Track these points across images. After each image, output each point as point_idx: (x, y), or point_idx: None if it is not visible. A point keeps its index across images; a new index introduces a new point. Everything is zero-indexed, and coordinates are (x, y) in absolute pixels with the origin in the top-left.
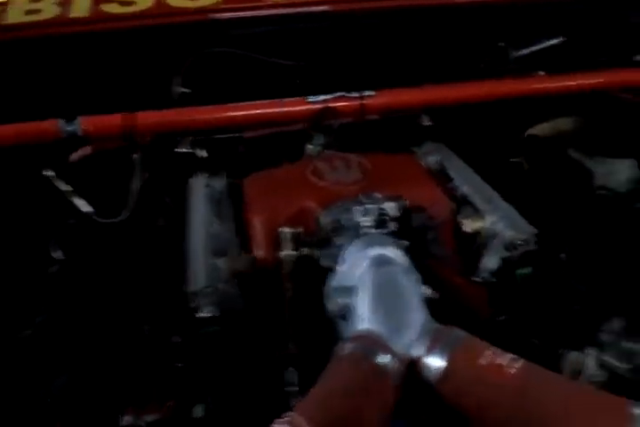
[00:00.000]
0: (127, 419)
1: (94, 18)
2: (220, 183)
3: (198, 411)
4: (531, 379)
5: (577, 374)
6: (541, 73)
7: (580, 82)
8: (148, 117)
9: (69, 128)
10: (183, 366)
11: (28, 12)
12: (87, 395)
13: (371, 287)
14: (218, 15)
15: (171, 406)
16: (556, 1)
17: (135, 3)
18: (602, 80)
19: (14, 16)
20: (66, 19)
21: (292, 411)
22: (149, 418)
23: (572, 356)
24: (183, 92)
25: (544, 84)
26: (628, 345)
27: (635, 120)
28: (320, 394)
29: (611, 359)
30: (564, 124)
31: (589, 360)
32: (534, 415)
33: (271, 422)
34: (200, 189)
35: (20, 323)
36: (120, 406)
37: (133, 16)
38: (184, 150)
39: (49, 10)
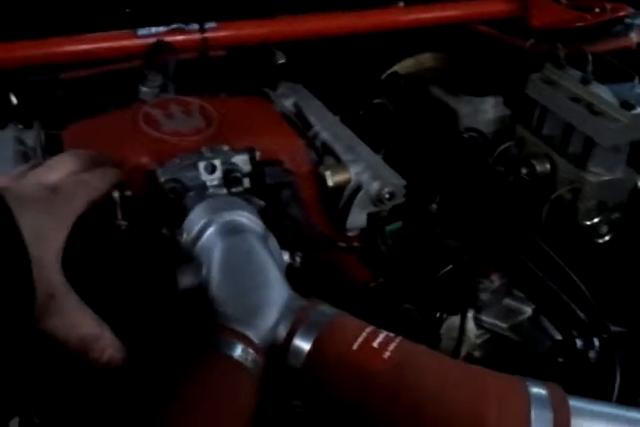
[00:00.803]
0: None
1: None
2: (33, 136)
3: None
4: (407, 363)
5: (458, 339)
6: (400, 4)
7: (440, 13)
8: None
9: None
10: None
11: None
12: None
13: (220, 261)
14: None
15: None
16: None
17: None
18: (462, 12)
19: None
20: None
21: None
22: None
23: (451, 321)
24: None
25: (404, 15)
26: (506, 302)
27: (495, 55)
28: (158, 408)
29: (489, 319)
30: (426, 60)
31: (469, 323)
32: (411, 405)
33: None
34: (9, 145)
35: None
36: None
37: None
38: None
39: None
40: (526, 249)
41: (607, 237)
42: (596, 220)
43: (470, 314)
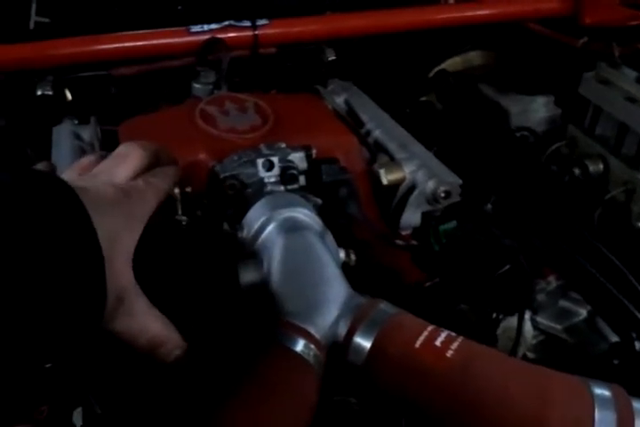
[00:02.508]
0: None
1: None
2: (90, 132)
3: (77, 417)
4: (471, 362)
5: (515, 340)
6: (451, 1)
7: (491, 11)
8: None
9: None
10: (54, 366)
11: None
12: None
13: (280, 258)
14: None
15: (44, 411)
16: None
17: None
18: (513, 9)
19: None
20: None
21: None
22: None
23: (507, 321)
24: (40, 23)
25: (453, 13)
26: (562, 304)
27: (546, 53)
28: (222, 401)
29: (545, 320)
30: (475, 57)
31: (526, 324)
32: (474, 404)
33: None
34: (66, 140)
35: None
36: None
37: None
38: (44, 93)
39: None
40: (583, 250)
41: None
42: None
43: (527, 315)
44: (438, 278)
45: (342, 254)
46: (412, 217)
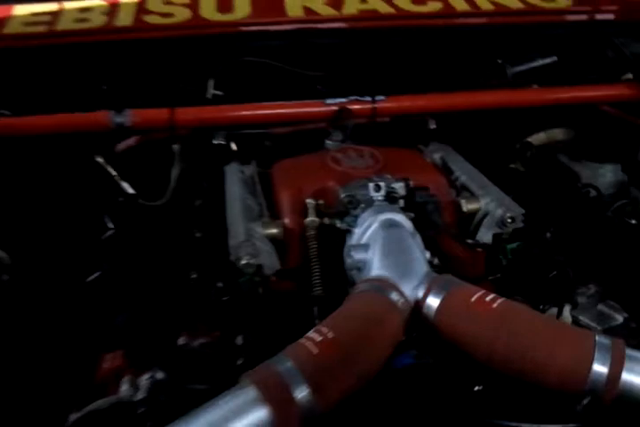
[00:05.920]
0: (183, 340)
1: (137, 27)
2: (251, 170)
3: (239, 340)
4: (508, 312)
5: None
6: (535, 86)
7: (571, 95)
8: (188, 113)
9: (119, 119)
10: (226, 304)
11: (79, 21)
12: (146, 327)
13: (381, 244)
14: (247, 28)
15: (217, 335)
16: (549, 23)
17: (173, 15)
18: (589, 94)
19: (66, 24)
20: (112, 27)
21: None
22: (201, 341)
23: (552, 311)
24: (216, 95)
25: (538, 96)
26: (601, 308)
27: (617, 131)
28: (339, 317)
29: (586, 320)
30: (556, 134)
31: (566, 315)
32: (510, 343)
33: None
34: (235, 173)
35: (85, 273)
36: (175, 333)
37: (172, 27)
38: (219, 142)
39: (97, 19)
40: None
41: None
42: None
43: (567, 307)
44: (499, 276)
45: (428, 255)
46: (484, 237)
